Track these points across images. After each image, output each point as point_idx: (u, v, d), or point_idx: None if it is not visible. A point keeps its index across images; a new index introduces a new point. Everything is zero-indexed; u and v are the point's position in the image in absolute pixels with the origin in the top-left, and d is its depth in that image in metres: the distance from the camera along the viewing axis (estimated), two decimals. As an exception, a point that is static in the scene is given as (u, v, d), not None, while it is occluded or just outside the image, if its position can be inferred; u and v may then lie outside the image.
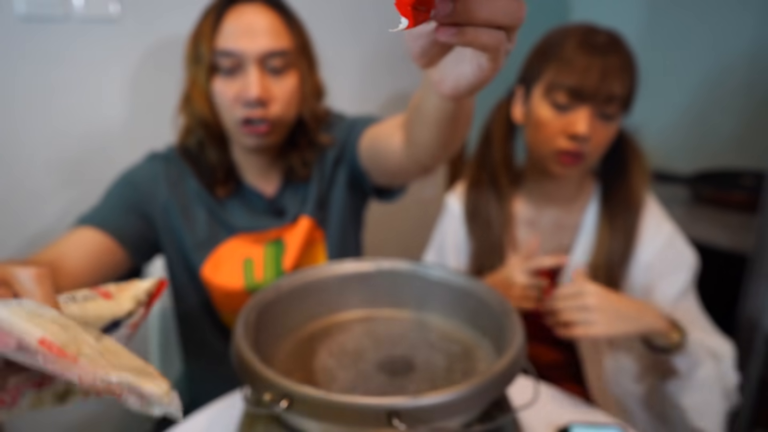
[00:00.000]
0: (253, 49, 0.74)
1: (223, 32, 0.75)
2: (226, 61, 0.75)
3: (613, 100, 0.76)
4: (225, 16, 0.75)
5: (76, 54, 1.04)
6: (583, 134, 0.75)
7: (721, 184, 1.54)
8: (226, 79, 0.76)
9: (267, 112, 0.76)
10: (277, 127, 0.79)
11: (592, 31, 0.79)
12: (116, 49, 1.08)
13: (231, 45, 0.74)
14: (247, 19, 0.75)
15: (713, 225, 1.39)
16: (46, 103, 1.04)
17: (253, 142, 0.79)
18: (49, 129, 1.06)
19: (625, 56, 0.78)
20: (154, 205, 0.84)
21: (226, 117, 0.78)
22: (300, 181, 0.89)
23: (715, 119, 1.75)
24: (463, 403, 0.48)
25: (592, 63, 0.75)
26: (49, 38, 1.01)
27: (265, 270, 0.86)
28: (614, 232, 0.84)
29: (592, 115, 0.77)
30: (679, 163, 1.84)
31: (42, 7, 0.97)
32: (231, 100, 0.76)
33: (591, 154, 0.79)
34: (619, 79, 0.76)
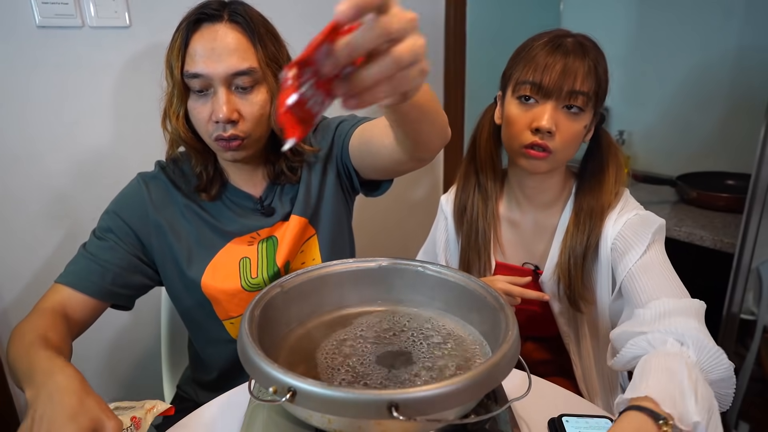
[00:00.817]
0: (219, 72, 0.75)
1: (190, 55, 0.76)
2: (196, 83, 0.77)
3: (575, 95, 0.78)
4: (191, 39, 0.77)
5: (89, 61, 1.06)
6: (545, 127, 0.78)
7: (705, 186, 1.57)
8: (199, 99, 0.78)
9: (237, 129, 0.78)
10: (250, 142, 0.81)
11: (560, 35, 0.82)
12: (127, 56, 1.10)
13: (198, 68, 0.76)
14: (211, 42, 0.75)
15: (698, 225, 1.42)
16: (61, 108, 1.06)
17: (230, 156, 0.81)
18: (63, 132, 1.07)
19: (591, 58, 0.80)
20: (146, 228, 0.86)
21: (203, 133, 0.81)
22: (288, 183, 0.91)
23: (699, 123, 1.78)
24: (460, 395, 0.49)
25: (555, 61, 0.78)
26: (63, 46, 1.03)
27: (259, 267, 0.88)
28: (577, 233, 0.86)
29: (556, 110, 0.80)
30: (665, 166, 1.87)
31: (57, 16, 1.00)
32: (205, 119, 0.78)
33: (558, 149, 0.81)
34: (582, 77, 0.78)
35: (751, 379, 1.28)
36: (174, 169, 0.90)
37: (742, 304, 1.21)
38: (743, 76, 1.65)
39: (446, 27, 1.63)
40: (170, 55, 0.79)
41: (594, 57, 0.81)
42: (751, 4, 1.61)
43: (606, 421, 0.67)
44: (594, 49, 0.82)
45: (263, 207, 0.90)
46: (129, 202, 0.86)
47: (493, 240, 0.96)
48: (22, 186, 1.05)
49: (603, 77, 0.82)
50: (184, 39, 0.77)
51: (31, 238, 1.08)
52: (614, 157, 0.87)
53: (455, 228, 1.00)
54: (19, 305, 1.09)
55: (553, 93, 0.79)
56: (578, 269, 0.86)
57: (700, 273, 1.55)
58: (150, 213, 0.86)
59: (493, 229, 0.96)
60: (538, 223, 0.93)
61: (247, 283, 0.87)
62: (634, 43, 1.89)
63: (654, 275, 0.77)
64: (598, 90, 0.81)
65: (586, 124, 0.81)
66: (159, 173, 0.89)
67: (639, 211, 0.84)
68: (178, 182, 0.88)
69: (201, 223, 0.88)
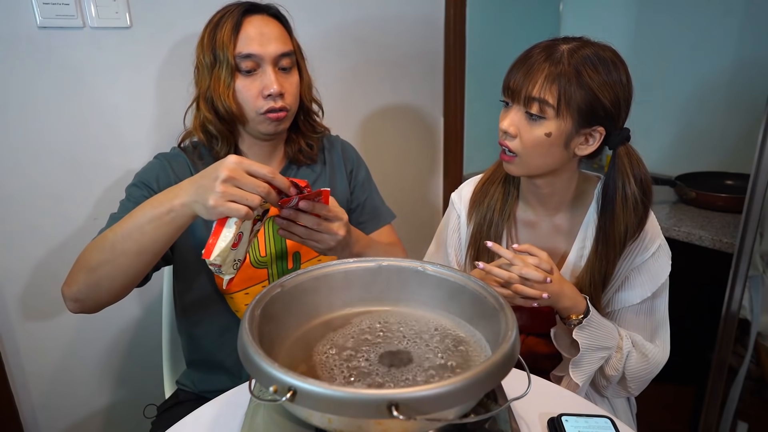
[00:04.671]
0: (269, 53, 0.87)
1: (242, 39, 0.87)
2: (247, 64, 0.87)
3: (531, 101, 0.78)
4: (242, 25, 0.87)
5: (90, 61, 1.06)
6: (503, 128, 0.82)
7: (704, 186, 1.57)
8: (247, 78, 0.88)
9: (284, 101, 0.89)
10: (290, 115, 0.92)
11: (557, 42, 0.80)
12: (128, 57, 1.10)
13: (252, 50, 0.86)
14: (260, 28, 0.88)
15: (697, 225, 1.43)
16: (61, 108, 1.06)
17: (272, 127, 0.91)
18: (64, 132, 1.08)
19: (563, 67, 0.76)
20: None
21: (249, 110, 0.89)
22: (306, 164, 1.00)
23: (699, 123, 1.78)
24: (459, 395, 0.49)
25: (522, 66, 0.79)
26: (64, 46, 1.03)
27: (267, 245, 0.93)
28: (596, 256, 0.87)
29: (519, 114, 0.81)
30: (664, 166, 1.87)
31: (58, 17, 1.00)
32: (254, 95, 0.88)
33: (521, 153, 0.82)
34: (540, 84, 0.77)
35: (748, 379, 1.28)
36: (193, 151, 0.95)
37: (740, 304, 1.22)
38: (743, 76, 1.66)
39: (446, 27, 1.63)
40: (215, 41, 0.87)
41: (571, 65, 0.76)
42: (751, 4, 1.61)
43: (606, 421, 0.68)
44: (585, 58, 0.77)
45: None
46: (156, 175, 0.91)
47: (506, 239, 0.95)
48: (22, 186, 1.05)
49: (592, 91, 0.76)
50: (235, 26, 0.87)
51: (30, 238, 1.08)
52: (621, 184, 0.82)
53: (467, 216, 0.99)
54: (18, 305, 1.10)
55: (515, 97, 0.80)
56: (596, 290, 0.88)
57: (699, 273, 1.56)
58: (172, 182, 0.88)
59: (507, 229, 0.95)
60: (556, 225, 0.93)
61: (256, 260, 0.93)
62: (633, 43, 1.89)
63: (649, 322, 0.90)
64: (569, 100, 0.76)
65: (548, 132, 0.78)
66: (179, 153, 0.95)
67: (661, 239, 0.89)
68: (198, 163, 0.93)
69: None
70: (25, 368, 1.12)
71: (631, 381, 0.88)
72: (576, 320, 0.82)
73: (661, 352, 0.89)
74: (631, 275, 0.87)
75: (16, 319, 1.09)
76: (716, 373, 1.28)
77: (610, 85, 0.77)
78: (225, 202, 0.64)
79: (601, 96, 0.77)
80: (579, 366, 0.85)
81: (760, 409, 1.34)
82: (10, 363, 1.10)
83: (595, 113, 0.78)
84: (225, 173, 0.64)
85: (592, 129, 0.80)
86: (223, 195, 0.64)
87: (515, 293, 0.79)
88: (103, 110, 1.10)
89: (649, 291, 0.87)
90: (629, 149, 0.83)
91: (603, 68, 0.77)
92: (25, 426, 1.14)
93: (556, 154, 0.82)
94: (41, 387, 1.15)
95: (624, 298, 0.89)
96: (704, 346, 1.45)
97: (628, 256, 0.87)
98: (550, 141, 0.79)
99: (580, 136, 0.81)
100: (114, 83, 1.10)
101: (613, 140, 0.82)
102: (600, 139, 0.82)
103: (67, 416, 1.20)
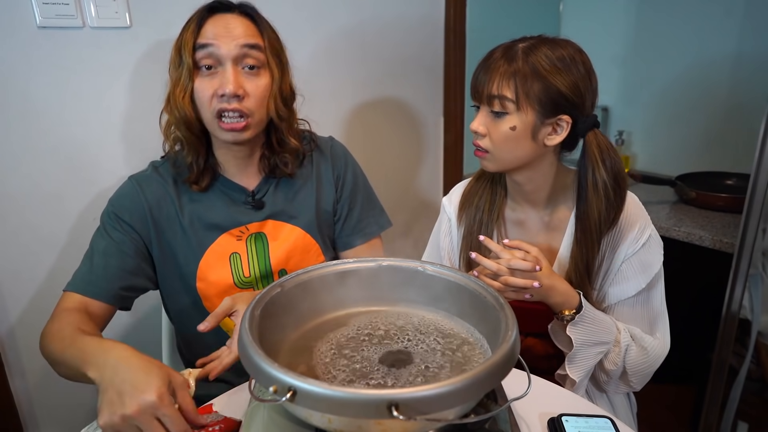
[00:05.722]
0: (229, 45, 0.80)
1: (203, 33, 0.81)
2: (206, 59, 0.81)
3: (491, 99, 0.82)
4: (205, 23, 0.82)
5: (90, 61, 1.06)
6: (473, 129, 0.85)
7: (704, 186, 1.57)
8: (206, 77, 0.82)
9: (242, 105, 0.81)
10: (252, 122, 0.84)
11: (515, 42, 0.84)
12: (128, 57, 1.10)
13: (208, 40, 0.80)
14: (224, 23, 0.82)
15: (697, 225, 1.43)
16: (61, 108, 1.06)
17: (230, 137, 0.84)
18: (64, 132, 1.08)
19: (518, 63, 0.79)
20: (146, 228, 0.87)
21: (205, 112, 0.83)
22: (283, 177, 0.94)
23: (699, 123, 1.78)
24: (459, 395, 0.49)
25: (483, 68, 0.84)
26: (64, 46, 1.03)
27: (250, 264, 0.90)
28: (577, 245, 0.88)
29: (485, 113, 0.84)
30: (664, 166, 1.87)
31: (57, 17, 1.00)
32: (209, 96, 0.81)
33: (492, 149, 0.85)
34: (497, 82, 0.81)
35: (748, 379, 1.28)
36: (167, 166, 0.92)
37: (740, 304, 1.22)
38: (743, 76, 1.66)
39: (446, 27, 1.63)
40: (182, 38, 0.83)
41: (533, 60, 0.79)
42: (750, 4, 1.61)
43: (606, 421, 0.68)
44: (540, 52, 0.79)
45: (254, 200, 0.91)
46: (127, 204, 0.87)
47: (497, 239, 0.96)
48: (21, 186, 1.05)
49: (549, 81, 0.79)
50: (198, 22, 0.82)
51: (30, 238, 1.08)
52: (591, 170, 0.83)
53: (457, 219, 1.01)
54: (18, 304, 1.09)
55: (480, 98, 0.84)
56: (583, 280, 0.88)
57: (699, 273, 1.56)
58: (147, 213, 0.87)
59: (497, 228, 0.97)
60: (546, 222, 0.94)
61: (240, 281, 0.89)
62: (633, 43, 1.89)
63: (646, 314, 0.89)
64: (527, 93, 0.79)
65: (512, 126, 0.81)
66: (152, 173, 0.91)
67: (651, 228, 0.88)
68: (172, 179, 0.90)
69: (194, 218, 0.89)
70: (25, 368, 1.12)
71: (632, 375, 0.88)
72: (569, 315, 0.83)
73: (661, 345, 0.89)
74: (623, 267, 0.88)
75: (16, 319, 1.09)
76: (716, 373, 1.28)
77: (567, 74, 0.80)
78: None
79: (558, 85, 0.79)
80: (574, 362, 0.85)
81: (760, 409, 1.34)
82: (10, 363, 1.10)
83: (555, 103, 0.81)
84: (130, 409, 0.56)
85: (557, 118, 0.82)
86: (113, 427, 0.57)
87: (505, 285, 0.80)
88: (103, 110, 1.10)
89: (644, 282, 0.87)
90: (598, 136, 0.84)
91: (558, 59, 0.80)
92: (24, 426, 1.14)
93: (526, 147, 0.84)
94: (41, 387, 1.15)
95: (619, 291, 0.89)
96: (704, 346, 1.45)
97: (620, 247, 0.87)
98: (517, 134, 0.82)
99: (546, 126, 0.83)
100: (114, 83, 1.10)
101: (580, 128, 0.84)
102: (567, 128, 0.83)
103: (67, 416, 1.19)
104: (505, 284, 0.80)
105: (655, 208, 1.58)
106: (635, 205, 0.89)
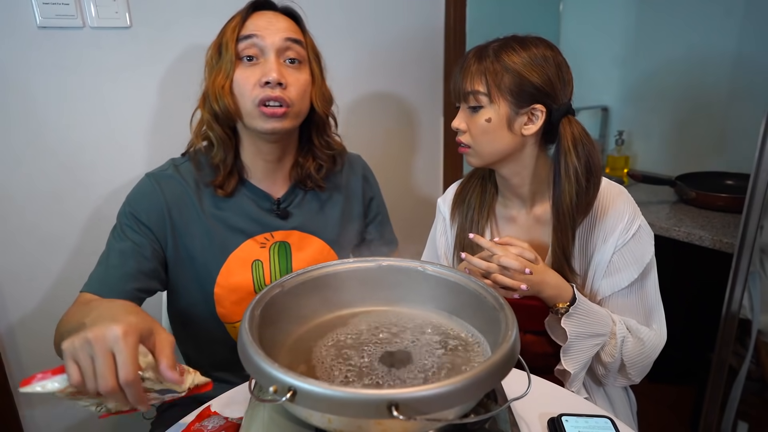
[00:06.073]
0: (273, 37, 0.82)
1: (247, 26, 0.83)
2: (249, 49, 0.82)
3: (467, 95, 0.86)
4: (248, 18, 0.84)
5: (90, 61, 1.06)
6: (454, 126, 0.89)
7: (704, 186, 1.57)
8: (248, 67, 0.82)
9: (284, 93, 0.82)
10: (292, 112, 0.84)
11: (482, 46, 0.87)
12: (128, 57, 1.10)
13: (252, 30, 0.82)
14: (267, 18, 0.84)
15: (697, 225, 1.43)
16: (61, 108, 1.06)
17: (270, 125, 0.82)
18: (64, 132, 1.08)
19: (487, 60, 0.83)
20: (164, 230, 0.86)
21: (246, 102, 0.82)
22: (313, 188, 0.94)
23: (699, 123, 1.78)
24: (459, 395, 0.50)
25: (459, 69, 0.88)
26: (64, 46, 1.03)
27: (272, 273, 0.89)
28: (555, 232, 0.89)
29: (464, 110, 0.88)
30: (664, 166, 1.87)
31: (58, 17, 1.00)
32: (252, 84, 0.81)
33: (473, 144, 0.88)
34: (470, 78, 0.85)
35: (748, 379, 1.28)
36: (189, 166, 0.89)
37: (740, 304, 1.22)
38: (743, 76, 1.66)
39: (446, 27, 1.63)
40: (223, 35, 0.84)
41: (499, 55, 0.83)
42: (750, 4, 1.61)
43: (606, 421, 0.68)
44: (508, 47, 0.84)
45: (279, 209, 0.91)
46: (145, 204, 0.85)
47: (489, 237, 0.98)
48: (21, 186, 1.05)
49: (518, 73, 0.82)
50: (243, 18, 0.83)
51: (29, 239, 1.08)
52: (564, 156, 0.84)
53: (451, 218, 1.03)
54: (18, 305, 1.10)
55: (457, 97, 0.89)
56: (563, 267, 0.89)
57: (699, 273, 1.56)
58: (166, 213, 0.85)
59: (489, 226, 0.98)
60: (536, 217, 0.95)
61: (260, 288, 0.88)
62: (633, 43, 1.89)
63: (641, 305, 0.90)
64: (498, 85, 0.82)
65: (487, 118, 0.85)
66: (172, 172, 0.88)
67: (641, 220, 0.89)
68: (194, 179, 0.88)
69: (216, 222, 0.88)
70: (25, 368, 1.12)
71: (631, 367, 0.89)
72: (563, 308, 0.84)
73: (657, 336, 0.90)
74: (615, 259, 0.89)
75: (16, 320, 1.09)
76: (716, 373, 1.28)
77: (535, 64, 0.83)
78: (70, 356, 0.51)
79: (527, 75, 0.83)
80: (569, 353, 0.86)
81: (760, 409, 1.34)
82: (10, 363, 1.10)
83: (526, 92, 0.83)
84: (92, 333, 0.50)
85: (531, 108, 0.85)
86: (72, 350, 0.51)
87: (495, 283, 0.81)
88: (103, 110, 1.10)
89: (636, 272, 0.88)
90: (572, 123, 0.86)
91: (525, 51, 0.83)
92: (24, 426, 1.14)
93: (504, 138, 0.86)
94: (41, 387, 1.15)
95: (612, 283, 0.89)
96: (704, 345, 1.45)
97: (610, 239, 0.88)
98: (493, 126, 0.85)
99: (521, 116, 0.85)
100: (114, 83, 1.10)
101: (554, 115, 0.86)
102: (543, 117, 0.85)
103: (67, 416, 1.20)
104: (495, 282, 0.81)
105: (655, 208, 1.58)
106: (624, 197, 0.90)
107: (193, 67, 1.18)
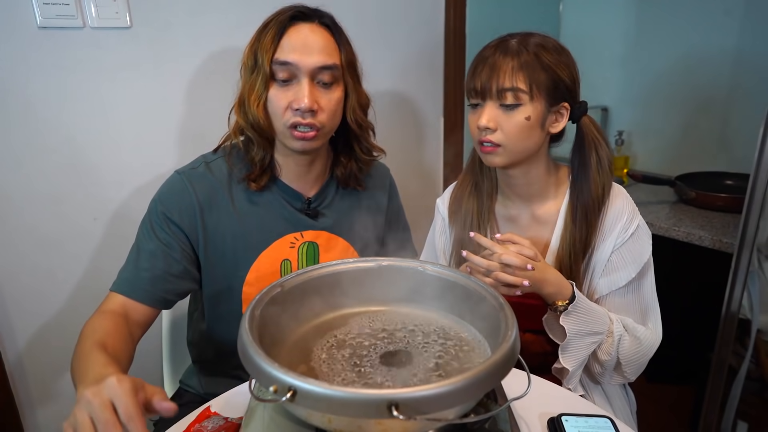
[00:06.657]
0: (307, 64, 0.81)
1: (283, 46, 0.82)
2: (282, 72, 0.82)
3: (503, 93, 0.83)
4: (286, 32, 0.82)
5: (90, 61, 1.07)
6: (483, 125, 0.86)
7: (704, 186, 1.57)
8: (281, 88, 0.83)
9: (315, 119, 0.83)
10: (322, 134, 0.86)
11: (506, 38, 0.87)
12: (128, 57, 1.10)
13: (290, 58, 0.81)
14: (304, 37, 0.82)
15: (696, 225, 1.43)
16: (61, 108, 1.06)
17: (300, 145, 0.85)
18: (64, 132, 1.08)
19: (527, 54, 0.83)
20: (196, 230, 0.86)
21: (277, 122, 0.84)
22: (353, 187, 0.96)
23: (699, 123, 1.78)
24: (459, 395, 0.50)
25: (485, 64, 0.85)
26: (64, 46, 1.03)
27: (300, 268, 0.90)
28: (575, 225, 0.90)
29: (493, 108, 0.85)
30: (664, 166, 1.87)
31: (58, 17, 1.00)
32: (283, 107, 0.83)
33: (505, 142, 0.86)
34: (508, 74, 0.83)
35: (748, 378, 1.28)
36: (221, 163, 0.90)
37: (740, 304, 1.22)
38: (743, 76, 1.66)
39: (446, 27, 1.63)
40: (259, 44, 0.83)
41: (530, 53, 0.83)
42: (750, 4, 1.61)
43: (606, 421, 0.68)
44: (538, 45, 0.84)
45: (310, 208, 0.92)
46: (177, 203, 0.85)
47: (488, 236, 0.97)
48: (21, 186, 1.05)
49: (553, 70, 0.84)
50: (279, 31, 0.82)
51: (30, 239, 1.08)
52: (594, 149, 0.89)
53: (449, 221, 1.03)
54: (18, 305, 1.10)
55: (486, 94, 0.85)
56: (578, 262, 0.90)
57: (699, 273, 1.56)
58: (197, 212, 0.85)
59: (489, 225, 0.98)
60: (536, 216, 0.96)
61: None
62: (633, 43, 1.89)
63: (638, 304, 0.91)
64: (537, 83, 0.83)
65: (527, 116, 0.84)
66: (204, 170, 0.89)
67: (640, 219, 0.90)
68: (226, 177, 0.88)
69: (247, 220, 0.88)
70: (25, 368, 1.12)
71: (626, 365, 0.89)
72: (562, 306, 0.84)
73: (653, 335, 0.91)
74: (613, 258, 0.89)
75: (16, 319, 1.09)
76: (716, 373, 1.28)
77: (565, 63, 0.86)
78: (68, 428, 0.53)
79: (561, 74, 0.85)
80: (567, 351, 0.86)
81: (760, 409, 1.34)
82: (10, 363, 1.10)
83: (559, 90, 0.86)
84: (89, 391, 0.52)
85: (559, 106, 0.87)
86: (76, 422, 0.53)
87: (496, 281, 0.80)
88: (103, 110, 1.10)
89: (634, 272, 0.88)
90: (591, 118, 0.91)
91: (554, 51, 0.86)
92: (25, 426, 1.14)
93: (535, 136, 0.87)
94: (41, 387, 1.15)
95: (610, 282, 0.90)
96: (704, 345, 1.45)
97: (609, 238, 0.89)
98: (530, 124, 0.85)
99: (552, 114, 0.87)
100: (114, 83, 1.10)
101: (576, 113, 0.89)
102: (567, 115, 0.88)
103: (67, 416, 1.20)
104: (496, 280, 0.81)
105: (655, 208, 1.58)
106: (623, 196, 0.91)
107: (193, 67, 1.18)
